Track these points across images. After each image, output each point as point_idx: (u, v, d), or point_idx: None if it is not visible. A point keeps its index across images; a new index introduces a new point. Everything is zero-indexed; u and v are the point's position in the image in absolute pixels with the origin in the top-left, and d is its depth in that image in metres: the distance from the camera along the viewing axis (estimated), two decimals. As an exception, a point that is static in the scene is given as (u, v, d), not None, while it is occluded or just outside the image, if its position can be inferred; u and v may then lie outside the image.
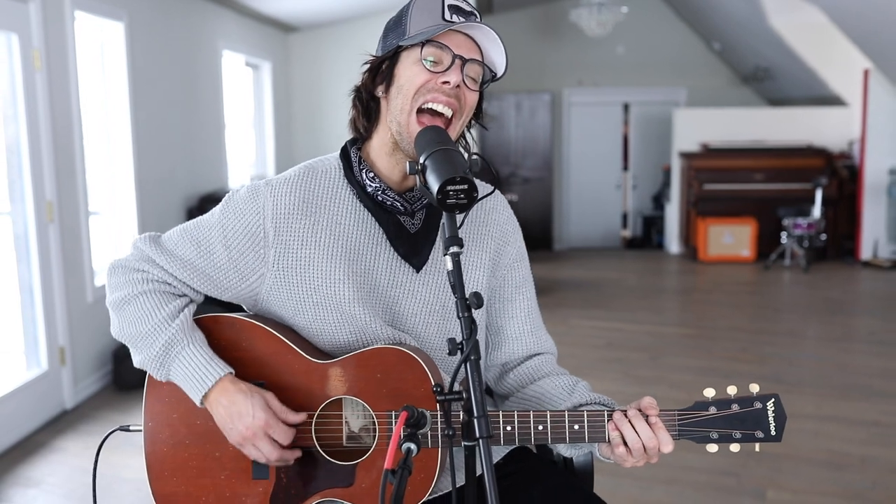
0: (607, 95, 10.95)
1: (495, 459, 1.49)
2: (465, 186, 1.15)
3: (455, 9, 1.37)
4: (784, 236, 8.43)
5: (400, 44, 1.38)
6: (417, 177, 1.23)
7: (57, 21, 4.23)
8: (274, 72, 8.02)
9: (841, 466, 3.55)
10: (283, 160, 8.26)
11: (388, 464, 0.99)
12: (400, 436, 1.02)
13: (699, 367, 5.05)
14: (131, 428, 1.56)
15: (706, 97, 10.69)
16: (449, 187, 1.14)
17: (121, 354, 4.63)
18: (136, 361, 1.45)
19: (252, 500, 1.42)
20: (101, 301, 4.66)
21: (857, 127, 8.84)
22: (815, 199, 8.40)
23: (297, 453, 1.39)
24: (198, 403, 1.39)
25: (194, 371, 1.38)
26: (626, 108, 11.20)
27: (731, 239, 8.72)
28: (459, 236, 1.14)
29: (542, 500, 1.43)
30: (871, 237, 8.54)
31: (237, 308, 1.54)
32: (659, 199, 10.77)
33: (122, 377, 4.61)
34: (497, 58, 1.39)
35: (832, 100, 9.26)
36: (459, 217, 1.19)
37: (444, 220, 1.17)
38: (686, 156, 9.23)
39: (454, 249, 1.13)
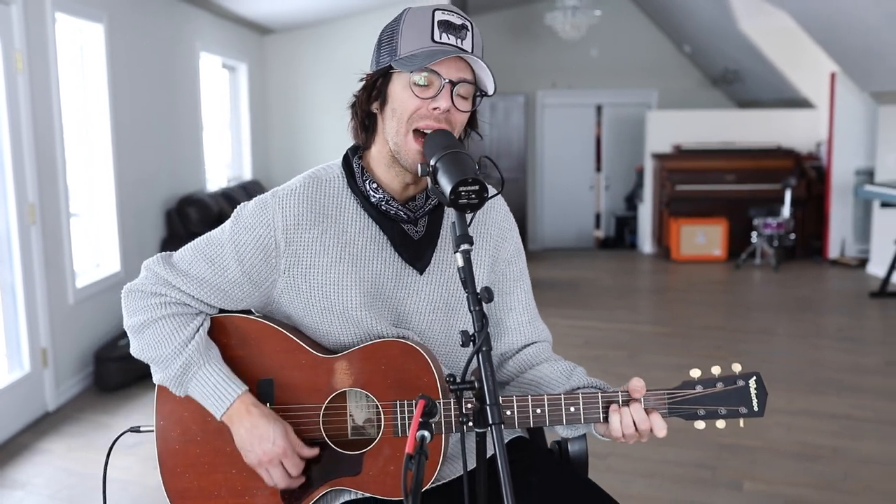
0: (580, 97, 11.08)
1: (491, 452, 1.56)
2: (477, 187, 1.21)
3: (446, 25, 1.39)
4: (754, 236, 8.60)
5: (391, 64, 1.42)
6: (428, 178, 1.29)
7: (38, 23, 4.23)
8: (250, 73, 8.03)
9: (813, 458, 3.67)
10: (259, 162, 8.27)
11: (409, 448, 1.05)
12: (418, 424, 1.08)
13: (676, 364, 5.16)
14: (142, 429, 1.60)
15: (677, 99, 10.86)
16: (461, 188, 1.21)
17: (102, 356, 4.63)
18: (156, 379, 1.50)
19: (263, 492, 1.47)
20: (83, 302, 4.66)
21: (825, 129, 9.03)
22: (784, 199, 8.57)
23: (302, 480, 1.47)
24: (217, 418, 1.46)
25: (213, 389, 1.44)
26: (598, 109, 11.34)
27: (703, 239, 8.87)
28: (469, 234, 1.20)
29: (541, 486, 1.50)
30: (839, 236, 8.73)
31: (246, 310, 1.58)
32: (632, 200, 10.91)
33: (104, 379, 4.61)
34: (486, 78, 1.42)
35: (800, 102, 9.45)
36: (468, 216, 1.25)
37: (454, 219, 1.23)
38: (658, 157, 9.37)
39: (465, 247, 1.19)
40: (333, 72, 8.41)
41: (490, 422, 1.12)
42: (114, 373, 4.60)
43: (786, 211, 8.50)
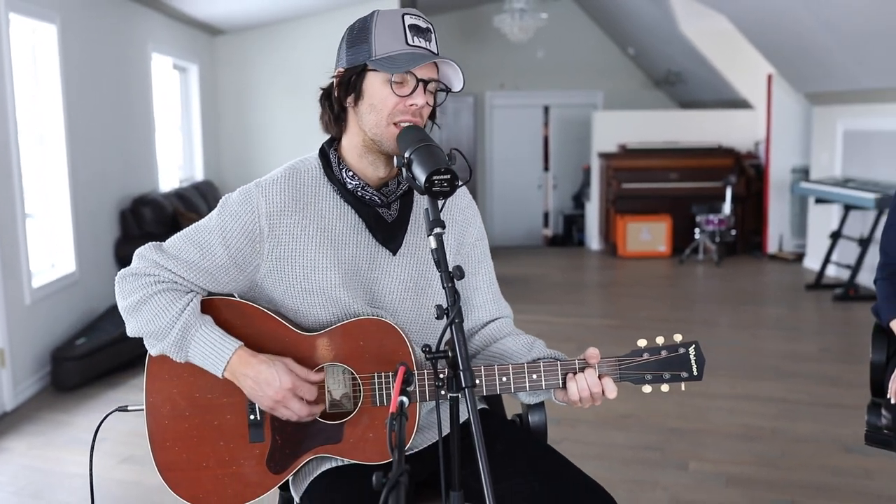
0: (528, 98, 11.30)
1: (462, 418, 1.69)
2: (448, 176, 1.34)
3: (415, 29, 1.53)
4: (697, 232, 8.88)
5: (367, 63, 1.54)
6: (403, 168, 1.41)
7: (-8, 23, 4.23)
8: (201, 74, 8.03)
9: (753, 438, 3.87)
10: (210, 162, 8.27)
11: (392, 408, 1.17)
12: (399, 388, 1.20)
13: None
14: (130, 407, 1.68)
15: (622, 100, 11.14)
16: (435, 177, 1.34)
17: (59, 356, 4.63)
18: (155, 351, 1.58)
19: (250, 461, 1.58)
20: (39, 302, 4.67)
21: (763, 128, 9.36)
22: (725, 196, 8.87)
23: (322, 407, 1.56)
24: (219, 375, 1.54)
25: (211, 348, 1.53)
26: (546, 110, 11.57)
27: (649, 235, 9.13)
28: (441, 219, 1.33)
29: (505, 453, 1.64)
30: (777, 232, 9.07)
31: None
32: (579, 198, 11.16)
33: (61, 378, 4.62)
34: (453, 75, 1.58)
35: (739, 103, 9.78)
36: (440, 203, 1.37)
37: (426, 205, 1.35)
38: (605, 156, 9.60)
39: (438, 230, 1.31)
40: (284, 73, 8.45)
41: (463, 385, 1.24)
42: (71, 372, 4.61)
43: (727, 208, 8.80)
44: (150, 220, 5.93)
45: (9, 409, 4.31)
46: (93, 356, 4.71)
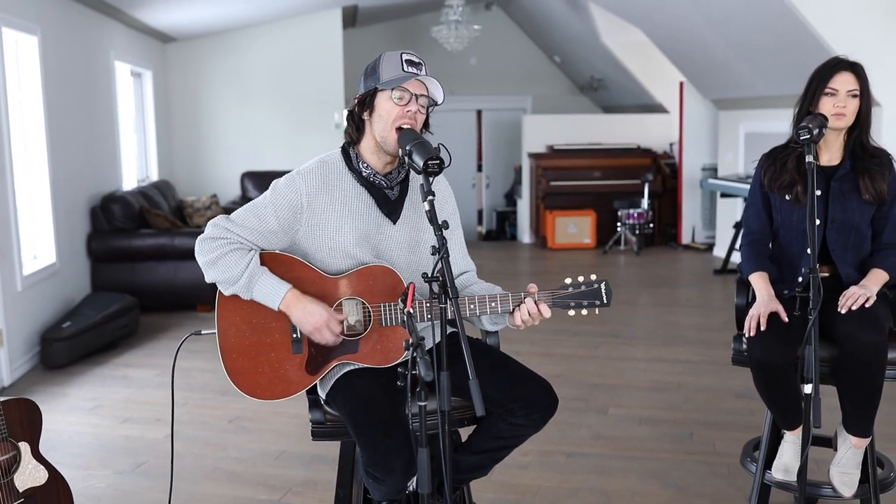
0: (462, 103, 11.98)
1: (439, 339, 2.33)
2: (439, 161, 2.00)
3: (409, 62, 2.21)
4: (619, 225, 9.71)
5: (377, 87, 2.20)
6: (406, 157, 2.06)
7: (-11, 36, 4.69)
8: (154, 80, 8.47)
9: (662, 390, 4.62)
10: (164, 163, 8.72)
11: (408, 307, 1.81)
12: (412, 297, 1.85)
13: (554, 329, 6.07)
14: (202, 332, 2.29)
15: (549, 104, 11.94)
16: (430, 162, 1.99)
17: (49, 337, 5.11)
18: (228, 292, 2.19)
19: (293, 367, 2.21)
20: (28, 289, 5.13)
21: (676, 131, 10.24)
22: (643, 192, 9.72)
23: (342, 338, 2.20)
24: (275, 309, 2.17)
25: (270, 289, 2.16)
26: (479, 114, 12.29)
27: (575, 229, 9.92)
28: (433, 190, 1.97)
29: (472, 357, 2.28)
30: (690, 224, 9.96)
31: None
32: (511, 196, 11.90)
33: (51, 357, 5.09)
34: (436, 92, 2.24)
35: (655, 107, 10.66)
36: (431, 180, 2.02)
37: (420, 182, 2.00)
38: (534, 156, 10.34)
39: (430, 198, 1.96)
40: (234, 79, 8.97)
41: (451, 296, 1.89)
42: (61, 352, 5.09)
43: (645, 203, 9.65)
44: (119, 216, 6.39)
45: (6, 384, 4.77)
46: (79, 337, 5.20)
